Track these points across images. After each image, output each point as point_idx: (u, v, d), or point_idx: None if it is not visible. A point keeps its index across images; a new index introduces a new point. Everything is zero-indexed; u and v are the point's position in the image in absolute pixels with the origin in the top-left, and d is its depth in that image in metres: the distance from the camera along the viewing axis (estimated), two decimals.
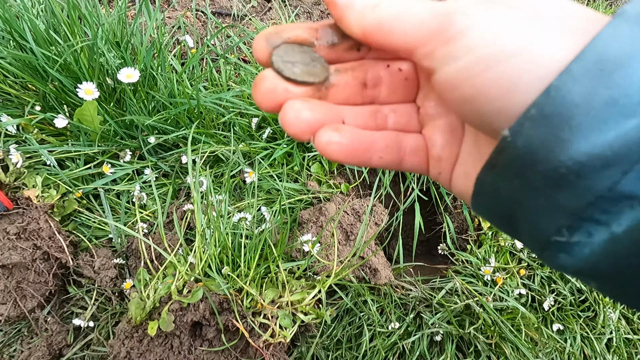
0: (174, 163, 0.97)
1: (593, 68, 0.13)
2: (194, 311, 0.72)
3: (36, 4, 1.03)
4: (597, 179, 0.14)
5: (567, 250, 0.15)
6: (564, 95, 0.14)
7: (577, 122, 0.13)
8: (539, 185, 0.15)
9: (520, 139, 0.15)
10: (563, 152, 0.14)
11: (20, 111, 0.91)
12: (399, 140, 0.22)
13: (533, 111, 0.14)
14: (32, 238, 0.76)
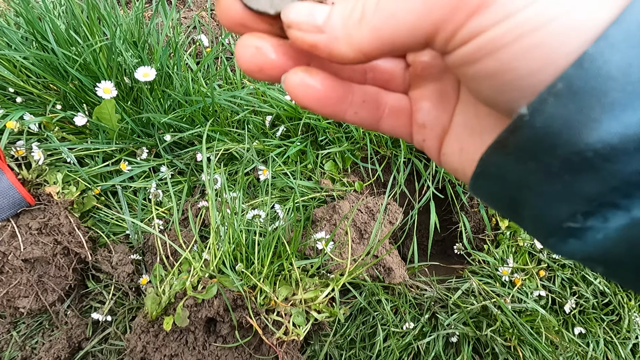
0: (189, 161, 0.98)
1: (636, 33, 0.11)
2: (209, 307, 0.72)
3: (57, 5, 1.06)
4: (628, 162, 0.12)
5: (577, 236, 0.14)
6: (599, 66, 0.12)
7: (611, 99, 0.12)
8: (556, 170, 0.13)
9: (541, 118, 0.13)
10: (591, 133, 0.12)
11: (42, 110, 0.93)
12: (378, 97, 0.20)
13: (560, 85, 0.12)
14: (53, 233, 0.78)
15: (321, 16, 0.16)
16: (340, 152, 1.04)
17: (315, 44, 0.16)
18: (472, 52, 0.14)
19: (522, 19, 0.13)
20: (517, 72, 0.13)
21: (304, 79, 0.18)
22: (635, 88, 0.11)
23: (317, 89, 0.18)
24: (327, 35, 0.16)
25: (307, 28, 0.16)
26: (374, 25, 0.15)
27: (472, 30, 0.13)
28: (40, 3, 0.98)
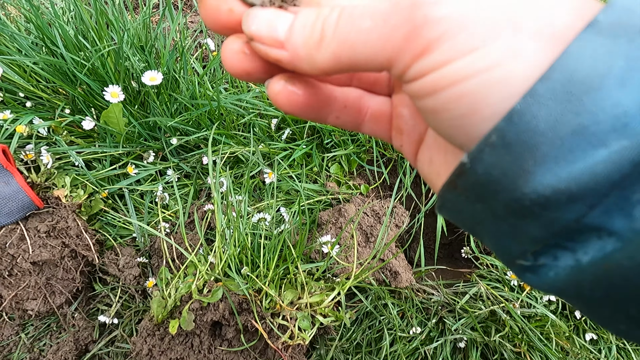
0: (195, 164, 0.99)
1: (561, 90, 0.12)
2: (214, 311, 0.72)
3: (66, 11, 1.07)
4: (563, 212, 0.12)
5: (532, 271, 0.14)
6: (528, 121, 0.12)
7: (542, 153, 0.12)
8: (501, 214, 0.14)
9: (481, 166, 0.13)
10: (526, 184, 0.13)
11: (51, 114, 0.94)
12: (360, 102, 0.21)
13: (494, 137, 0.13)
14: (61, 236, 0.79)
15: (282, 29, 0.16)
16: (346, 155, 1.03)
17: (278, 59, 0.16)
18: (418, 89, 0.14)
19: (456, 67, 0.13)
20: (451, 113, 0.14)
21: (286, 86, 0.18)
22: (563, 143, 0.12)
23: (299, 95, 0.18)
24: (289, 53, 0.16)
25: (269, 42, 0.16)
26: (333, 51, 0.15)
27: (417, 71, 0.14)
28: (49, 9, 0.99)
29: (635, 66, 0.11)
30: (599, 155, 0.12)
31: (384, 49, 0.14)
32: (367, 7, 0.15)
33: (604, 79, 0.11)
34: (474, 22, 0.13)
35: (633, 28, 0.12)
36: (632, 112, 0.11)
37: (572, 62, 0.12)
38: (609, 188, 0.12)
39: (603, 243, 0.13)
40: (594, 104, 0.12)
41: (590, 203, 0.12)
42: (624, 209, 0.12)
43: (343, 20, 0.15)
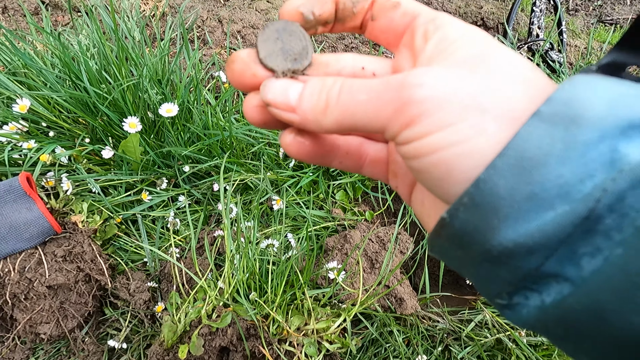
0: (206, 190, 1.02)
1: (515, 164, 0.15)
2: (222, 336, 0.73)
3: (90, 47, 1.15)
4: (524, 261, 0.15)
5: (509, 308, 0.17)
6: (490, 187, 0.15)
7: (504, 213, 0.15)
8: (478, 260, 0.16)
9: (457, 221, 0.16)
10: (493, 237, 0.15)
11: (71, 142, 0.99)
12: (360, 149, 0.24)
13: (465, 199, 0.16)
14: (77, 261, 0.82)
15: (294, 97, 0.20)
16: (351, 182, 1.07)
17: (291, 121, 0.20)
18: (405, 152, 0.18)
19: (434, 139, 0.16)
20: (431, 175, 0.17)
21: (296, 138, 0.21)
22: (520, 206, 0.15)
23: (307, 145, 0.22)
24: (300, 117, 0.19)
25: (283, 107, 0.20)
26: (336, 117, 0.18)
27: (405, 138, 0.17)
28: (75, 47, 1.06)
29: (570, 147, 0.14)
30: (548, 217, 0.14)
31: (378, 118, 0.17)
32: (364, 82, 0.18)
33: (547, 157, 0.14)
34: (449, 104, 0.16)
35: (567, 118, 0.14)
36: (572, 182, 0.14)
37: (522, 143, 0.15)
38: (557, 243, 0.14)
39: (560, 287, 0.15)
40: (541, 176, 0.14)
41: (545, 255, 0.15)
42: (573, 260, 0.14)
43: (344, 92, 0.18)
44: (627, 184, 0.13)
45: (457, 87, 0.16)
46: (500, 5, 2.13)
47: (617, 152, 0.14)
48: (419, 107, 0.16)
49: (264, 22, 1.74)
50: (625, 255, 0.14)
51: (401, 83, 0.17)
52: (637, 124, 0.14)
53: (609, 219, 0.14)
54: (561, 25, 1.72)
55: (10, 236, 0.76)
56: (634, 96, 0.15)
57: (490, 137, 0.16)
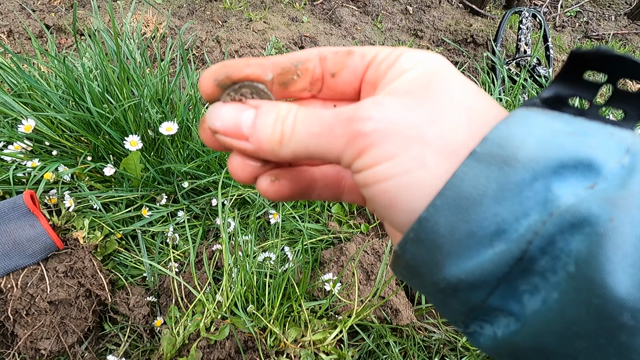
0: (204, 206, 1.05)
1: (453, 204, 0.15)
2: (221, 349, 0.75)
3: (93, 69, 1.19)
4: (469, 295, 0.16)
5: (469, 335, 0.17)
6: (432, 225, 0.15)
7: (446, 250, 0.15)
8: (431, 290, 0.17)
9: (407, 254, 0.17)
10: (439, 272, 0.16)
11: (73, 160, 1.02)
12: (339, 177, 0.23)
13: (412, 235, 0.16)
14: (78, 276, 0.84)
15: (246, 125, 0.19)
16: None
17: (244, 149, 0.19)
18: (358, 179, 0.18)
19: (380, 169, 0.17)
20: (379, 204, 0.18)
21: (273, 182, 0.21)
22: (460, 243, 0.15)
23: (284, 187, 0.22)
24: (254, 146, 0.19)
25: (234, 135, 0.19)
26: (292, 148, 0.18)
27: (357, 167, 0.18)
28: (80, 69, 1.11)
29: (505, 187, 0.14)
30: (487, 255, 0.15)
31: (332, 150, 0.18)
32: (317, 114, 0.18)
33: (483, 197, 0.15)
34: (393, 136, 0.16)
35: (500, 159, 0.15)
36: (508, 219, 0.14)
37: (459, 183, 0.15)
38: (496, 281, 0.15)
39: (507, 322, 0.15)
40: (478, 215, 0.15)
41: (487, 291, 0.15)
42: (514, 296, 0.15)
43: (298, 123, 0.18)
44: (555, 228, 0.14)
45: (402, 118, 0.17)
46: (489, 23, 2.21)
47: (551, 192, 0.14)
48: (368, 139, 0.17)
49: (261, 41, 1.80)
50: (560, 301, 0.14)
51: (351, 117, 0.17)
52: (568, 164, 0.14)
53: (542, 260, 0.14)
54: (547, 41, 1.79)
55: (13, 252, 0.78)
56: (567, 133, 0.15)
57: (430, 170, 0.16)
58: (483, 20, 2.23)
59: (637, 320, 0.12)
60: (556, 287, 0.14)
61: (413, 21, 2.20)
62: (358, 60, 0.20)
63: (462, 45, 2.07)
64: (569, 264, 0.13)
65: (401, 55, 0.19)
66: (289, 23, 1.99)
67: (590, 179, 0.14)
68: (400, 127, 0.17)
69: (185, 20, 1.82)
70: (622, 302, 0.12)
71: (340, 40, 1.95)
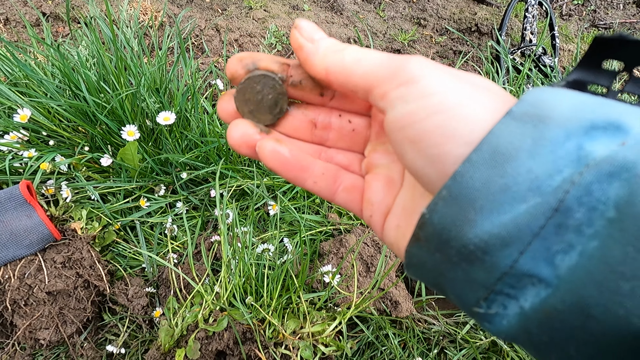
0: (203, 197, 1.04)
1: (489, 159, 0.15)
2: (219, 340, 0.74)
3: (89, 58, 1.17)
4: (499, 257, 0.15)
5: (488, 320, 0.17)
6: (467, 180, 0.16)
7: (480, 205, 0.15)
8: (455, 260, 0.16)
9: (436, 216, 0.16)
10: (470, 230, 0.15)
11: (71, 151, 1.01)
12: (336, 174, 0.24)
13: (444, 192, 0.16)
14: (76, 267, 0.83)
15: (318, 36, 0.22)
16: None
17: (302, 46, 0.21)
18: (401, 117, 0.18)
19: (431, 102, 0.17)
20: (429, 142, 0.17)
21: (275, 146, 0.22)
22: (495, 198, 0.15)
23: (285, 155, 0.22)
24: (313, 46, 0.21)
25: (305, 36, 0.21)
26: (343, 58, 0.20)
27: (397, 97, 0.18)
28: (75, 57, 1.09)
29: (539, 143, 0.15)
30: (521, 209, 0.15)
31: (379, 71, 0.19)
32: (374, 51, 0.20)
33: (518, 152, 0.15)
34: (443, 74, 0.18)
35: (536, 117, 0.15)
36: (542, 176, 0.15)
37: (495, 139, 0.16)
38: (531, 236, 0.15)
39: (537, 290, 0.15)
40: (513, 170, 0.15)
41: (520, 249, 0.15)
42: (547, 258, 0.15)
43: (357, 48, 0.21)
44: (593, 177, 0.14)
45: (447, 70, 0.18)
46: (493, 11, 2.16)
47: (583, 150, 0.15)
48: (419, 72, 0.18)
49: (261, 30, 1.77)
50: (602, 247, 0.14)
51: (402, 59, 0.19)
52: (599, 125, 0.15)
53: (578, 212, 0.14)
54: (553, 30, 1.75)
55: (10, 243, 0.78)
56: (595, 103, 0.16)
57: (483, 104, 0.17)
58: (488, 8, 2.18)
59: None
60: (595, 237, 0.14)
61: (416, 9, 2.16)
62: None
63: (466, 34, 2.03)
64: (608, 211, 0.14)
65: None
66: (289, 11, 1.95)
67: (621, 138, 0.15)
68: (448, 72, 0.18)
69: (183, 7, 1.79)
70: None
71: (342, 29, 1.92)
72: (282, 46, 1.75)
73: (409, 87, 0.18)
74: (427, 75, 0.18)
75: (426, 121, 0.17)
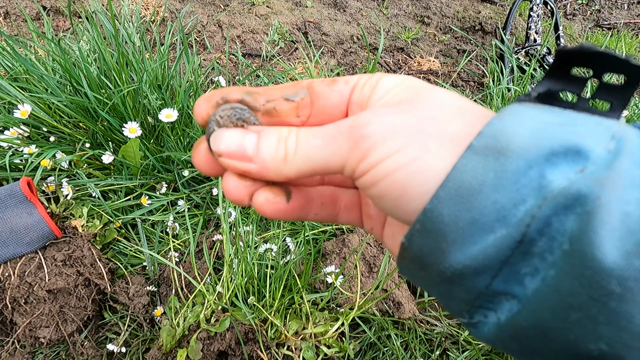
0: (205, 195, 1.03)
1: (455, 194, 0.16)
2: (221, 340, 0.74)
3: (91, 53, 1.16)
4: (474, 281, 0.16)
5: (473, 326, 0.18)
6: (436, 216, 0.16)
7: (451, 238, 0.16)
8: (437, 280, 0.18)
9: (414, 245, 0.17)
10: (445, 260, 0.16)
11: (72, 148, 1.00)
12: (334, 197, 0.24)
13: (418, 226, 0.17)
14: (76, 265, 0.82)
15: (250, 147, 0.20)
16: None
17: (248, 171, 0.20)
18: (364, 182, 0.19)
19: (387, 164, 0.18)
20: (389, 197, 0.18)
21: (268, 197, 0.21)
22: (464, 231, 0.16)
23: (282, 205, 0.22)
24: (258, 166, 0.20)
25: (238, 157, 0.20)
26: (296, 164, 0.19)
27: (361, 170, 0.18)
28: (77, 53, 1.07)
29: (502, 176, 0.16)
30: (489, 240, 0.16)
31: (336, 158, 0.19)
32: (317, 129, 0.20)
33: (482, 186, 0.16)
34: (395, 134, 0.18)
35: (496, 150, 0.16)
36: (507, 206, 0.15)
37: (459, 174, 0.16)
38: (499, 264, 0.16)
39: (510, 305, 0.16)
40: (479, 203, 0.16)
41: (490, 275, 0.16)
42: (517, 279, 0.16)
43: (301, 139, 0.20)
44: (550, 210, 0.15)
45: (400, 120, 0.18)
46: (498, 10, 2.14)
47: (544, 179, 0.15)
48: (370, 141, 0.18)
49: (264, 26, 1.76)
50: (556, 277, 0.15)
51: (351, 125, 0.19)
52: (559, 152, 0.15)
53: (540, 241, 0.15)
54: (558, 29, 1.74)
55: (10, 240, 0.77)
56: (558, 124, 0.16)
57: (436, 154, 0.17)
58: (492, 7, 2.17)
59: (624, 287, 0.13)
60: (553, 265, 0.15)
61: (420, 7, 2.14)
62: (342, 86, 0.22)
63: (470, 33, 2.02)
64: (564, 243, 0.15)
65: (381, 78, 0.21)
66: (292, 7, 1.93)
67: (580, 164, 0.15)
68: (400, 127, 0.18)
69: (185, 3, 1.77)
70: (610, 271, 0.13)
71: (344, 26, 1.90)
72: (285, 43, 1.74)
73: (366, 160, 0.18)
74: (379, 142, 0.18)
75: (384, 181, 0.18)
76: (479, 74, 1.80)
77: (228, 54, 1.46)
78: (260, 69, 1.45)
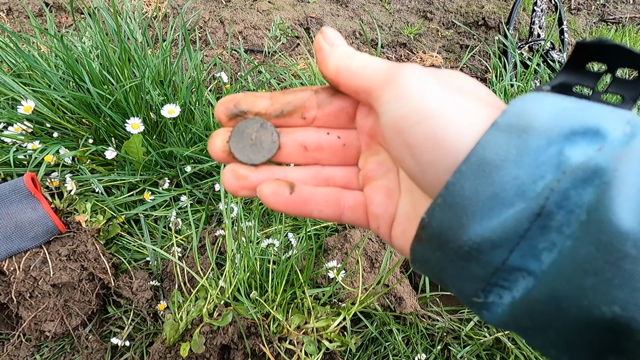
0: (207, 190, 1.03)
1: (477, 169, 0.17)
2: (224, 334, 0.74)
3: (93, 49, 1.16)
4: (492, 255, 0.17)
5: (486, 308, 0.18)
6: (458, 189, 0.17)
7: (471, 211, 0.17)
8: (454, 258, 0.18)
9: (434, 220, 0.18)
10: (464, 233, 0.17)
11: (75, 143, 1.01)
12: (338, 197, 0.25)
13: (440, 200, 0.18)
14: (80, 260, 0.83)
15: (338, 42, 0.24)
16: None
17: (322, 49, 0.23)
18: (395, 121, 0.19)
19: (419, 106, 0.19)
20: (421, 148, 0.19)
21: (275, 188, 0.23)
22: (484, 204, 0.16)
23: (286, 195, 0.23)
24: (331, 50, 0.23)
25: (327, 41, 0.23)
26: (351, 63, 0.22)
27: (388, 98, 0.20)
28: (79, 48, 1.08)
29: (523, 152, 0.16)
30: (508, 214, 0.16)
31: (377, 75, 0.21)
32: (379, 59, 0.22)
33: (504, 162, 0.16)
34: (433, 83, 0.19)
35: (519, 128, 0.17)
36: (527, 182, 0.16)
37: (482, 150, 0.17)
38: (517, 238, 0.16)
39: (526, 282, 0.17)
40: (500, 178, 0.16)
41: (508, 249, 0.16)
42: (534, 254, 0.16)
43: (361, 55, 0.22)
44: (569, 184, 0.15)
45: (439, 77, 0.20)
46: (501, 4, 2.13)
47: (563, 155, 0.16)
48: (408, 78, 0.19)
49: (266, 22, 1.75)
50: (573, 247, 0.15)
51: (397, 65, 0.20)
52: (578, 131, 0.16)
53: (558, 215, 0.16)
54: (562, 24, 1.72)
55: (15, 235, 0.78)
56: (575, 109, 0.17)
57: (471, 113, 0.18)
58: (495, 1, 2.15)
59: (638, 249, 0.14)
60: (570, 237, 0.15)
61: (423, 2, 2.12)
62: None
63: (473, 28, 2.00)
64: (581, 214, 0.15)
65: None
66: (294, 3, 1.93)
67: (598, 143, 0.16)
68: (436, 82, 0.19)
69: None
70: (626, 234, 0.14)
71: (347, 22, 1.89)
72: (287, 39, 1.73)
73: (400, 91, 0.19)
74: (416, 82, 0.19)
75: (417, 127, 0.18)
76: (482, 70, 1.79)
77: (230, 49, 1.46)
78: (262, 65, 1.45)
